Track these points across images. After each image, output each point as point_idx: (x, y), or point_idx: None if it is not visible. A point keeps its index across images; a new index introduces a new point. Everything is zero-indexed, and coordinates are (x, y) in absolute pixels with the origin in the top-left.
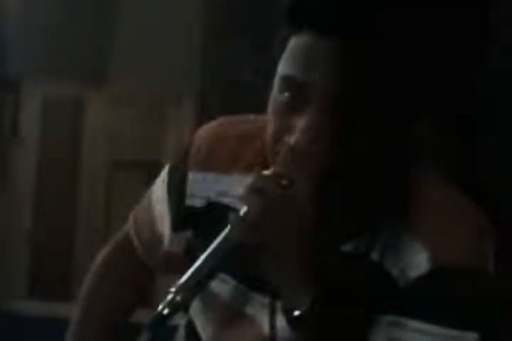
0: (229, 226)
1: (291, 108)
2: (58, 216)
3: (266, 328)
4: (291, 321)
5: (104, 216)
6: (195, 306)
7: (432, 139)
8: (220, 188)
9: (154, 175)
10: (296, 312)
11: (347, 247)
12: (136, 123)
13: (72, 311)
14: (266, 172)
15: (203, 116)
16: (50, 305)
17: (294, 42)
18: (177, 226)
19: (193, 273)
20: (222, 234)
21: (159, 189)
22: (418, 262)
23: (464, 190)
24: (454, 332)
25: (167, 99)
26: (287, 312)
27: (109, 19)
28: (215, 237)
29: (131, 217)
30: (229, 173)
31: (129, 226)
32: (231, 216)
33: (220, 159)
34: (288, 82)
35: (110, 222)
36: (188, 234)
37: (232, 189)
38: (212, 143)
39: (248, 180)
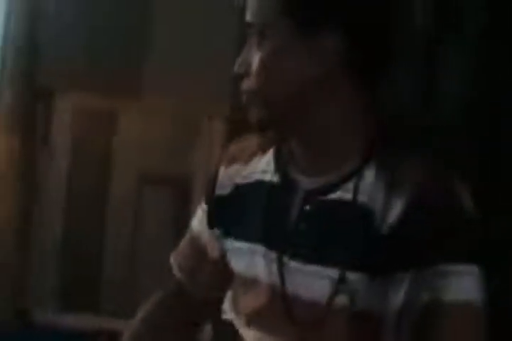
0: None
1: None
2: (88, 228)
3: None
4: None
5: (133, 228)
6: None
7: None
8: (244, 173)
9: (183, 190)
10: None
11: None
12: (167, 137)
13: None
14: None
15: (234, 131)
16: (80, 317)
17: None
18: (211, 221)
19: None
20: None
21: (197, 216)
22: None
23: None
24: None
25: (199, 114)
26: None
27: (143, 32)
28: (245, 215)
29: (174, 266)
30: (249, 163)
31: (177, 275)
32: None
33: (242, 156)
34: (247, 28)
35: (139, 235)
36: (218, 232)
37: (252, 172)
38: (237, 147)
39: (262, 163)
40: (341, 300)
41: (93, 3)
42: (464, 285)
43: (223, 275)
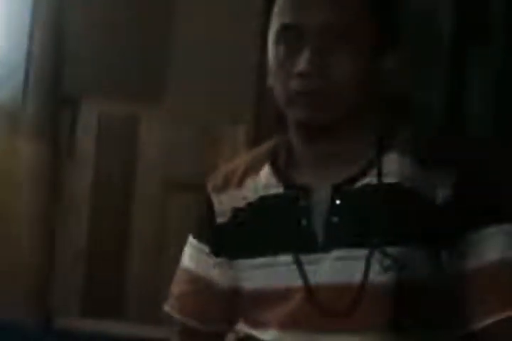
0: None
1: (290, 55)
2: (112, 234)
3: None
4: None
5: (157, 236)
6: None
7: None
8: (240, 196)
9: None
10: None
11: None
12: (190, 144)
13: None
14: None
15: (258, 138)
16: (102, 322)
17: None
18: (217, 250)
19: None
20: None
21: (189, 256)
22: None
23: None
24: None
25: (222, 121)
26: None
27: (166, 39)
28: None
29: (176, 313)
30: (241, 185)
31: (183, 320)
32: None
33: (233, 179)
34: (283, 31)
35: (163, 243)
36: (223, 259)
37: (251, 191)
38: (223, 173)
39: (260, 179)
40: (384, 277)
41: (115, 11)
42: None
43: (234, 305)
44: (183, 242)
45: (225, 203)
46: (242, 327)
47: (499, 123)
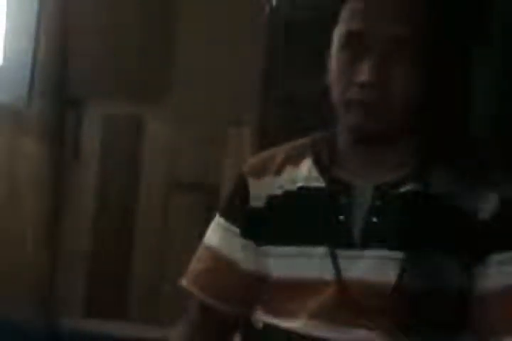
0: None
1: (353, 61)
2: (116, 235)
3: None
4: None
5: (161, 237)
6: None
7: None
8: (278, 183)
9: (212, 197)
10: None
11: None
12: (194, 145)
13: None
14: None
15: (264, 138)
16: (107, 323)
17: (351, 5)
18: (247, 233)
19: None
20: None
21: (216, 233)
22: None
23: None
24: None
25: (227, 121)
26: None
27: (170, 40)
28: (282, 227)
29: (195, 290)
30: (280, 174)
31: (202, 297)
32: None
33: (271, 167)
34: (349, 37)
35: (167, 243)
36: (252, 242)
37: (290, 181)
38: (262, 160)
39: (301, 171)
40: (416, 281)
41: (119, 13)
42: None
43: (256, 288)
44: (187, 243)
45: (260, 188)
46: (261, 316)
47: (502, 124)
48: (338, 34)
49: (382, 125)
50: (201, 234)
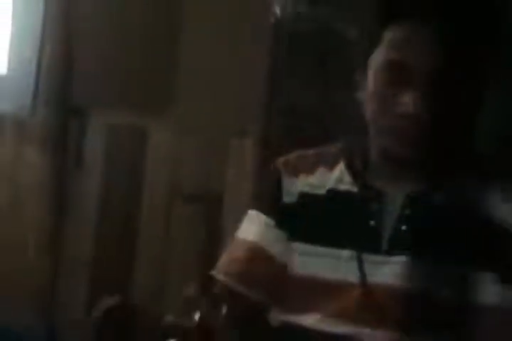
0: None
1: (393, 88)
2: (118, 245)
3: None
4: None
5: (164, 246)
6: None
7: None
8: (310, 182)
9: (214, 208)
10: None
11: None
12: (197, 156)
13: None
14: None
15: (266, 149)
16: None
17: (393, 33)
18: (281, 224)
19: None
20: None
21: (254, 226)
22: None
23: None
24: None
25: (230, 132)
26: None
27: (174, 51)
28: (312, 226)
29: (228, 278)
30: (313, 174)
31: (234, 286)
32: None
33: (306, 166)
34: (390, 64)
35: (169, 252)
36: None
37: (321, 182)
38: (298, 158)
39: (333, 174)
40: (443, 291)
41: (124, 23)
42: None
43: (284, 282)
44: (188, 252)
45: (293, 185)
46: (277, 314)
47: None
48: (378, 58)
49: (415, 152)
50: (203, 243)
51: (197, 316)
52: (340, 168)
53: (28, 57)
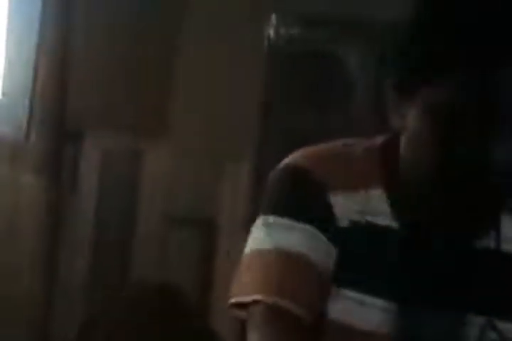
0: None
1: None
2: (113, 268)
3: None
4: None
5: (158, 269)
6: None
7: None
8: (357, 207)
9: (208, 231)
10: None
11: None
12: (192, 180)
13: None
14: None
15: (260, 175)
16: None
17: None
18: (334, 241)
19: None
20: None
21: (293, 237)
22: None
23: None
24: None
25: (224, 157)
26: None
27: (169, 74)
28: (362, 256)
29: (270, 297)
30: (357, 191)
31: (280, 303)
32: None
33: (350, 182)
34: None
35: (164, 275)
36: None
37: (367, 207)
38: (326, 164)
39: (376, 196)
40: None
41: (118, 45)
42: None
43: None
44: (183, 276)
45: (342, 205)
46: None
47: None
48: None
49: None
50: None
51: None
52: (375, 193)
53: (22, 80)
